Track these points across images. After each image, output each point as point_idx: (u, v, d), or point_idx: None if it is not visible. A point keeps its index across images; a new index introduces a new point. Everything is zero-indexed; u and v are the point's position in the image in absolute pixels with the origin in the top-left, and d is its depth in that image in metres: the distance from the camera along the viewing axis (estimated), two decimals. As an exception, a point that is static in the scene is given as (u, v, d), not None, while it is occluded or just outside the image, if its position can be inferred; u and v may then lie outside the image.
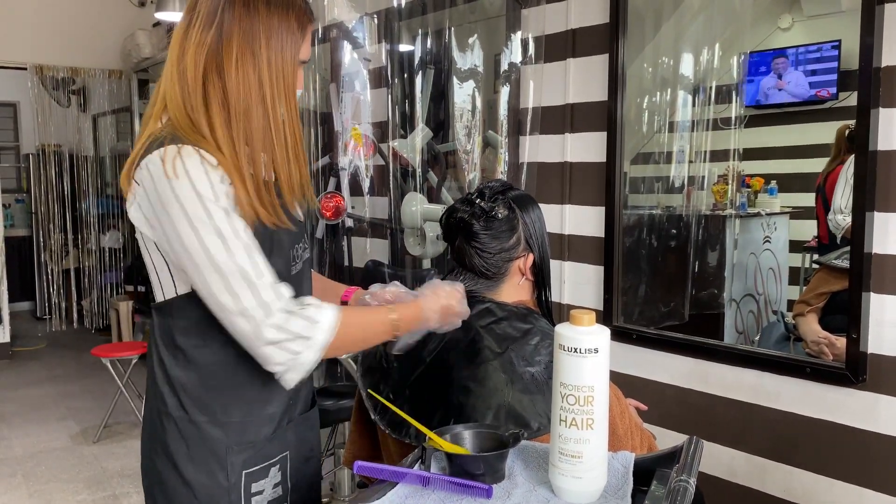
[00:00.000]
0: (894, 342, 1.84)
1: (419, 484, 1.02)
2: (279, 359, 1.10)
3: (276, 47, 1.17)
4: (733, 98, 3.08)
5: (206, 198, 1.09)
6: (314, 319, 1.11)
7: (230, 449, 1.21)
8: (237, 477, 1.22)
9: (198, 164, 1.10)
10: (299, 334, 1.09)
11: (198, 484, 1.20)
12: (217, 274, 1.08)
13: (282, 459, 1.28)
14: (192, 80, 1.15)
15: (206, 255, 1.08)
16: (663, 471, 1.02)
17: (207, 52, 1.15)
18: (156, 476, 1.24)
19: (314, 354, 1.11)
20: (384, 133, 3.31)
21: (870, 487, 1.90)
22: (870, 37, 1.79)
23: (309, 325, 1.10)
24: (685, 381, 2.29)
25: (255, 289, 1.09)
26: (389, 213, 3.32)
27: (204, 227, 1.08)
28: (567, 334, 0.96)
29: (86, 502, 3.33)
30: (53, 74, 5.97)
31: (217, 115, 1.15)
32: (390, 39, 3.29)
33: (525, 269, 1.45)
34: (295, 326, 1.09)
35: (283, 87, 1.18)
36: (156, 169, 1.10)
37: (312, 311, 1.12)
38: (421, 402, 1.34)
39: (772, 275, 3.24)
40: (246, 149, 1.17)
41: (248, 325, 1.09)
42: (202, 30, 1.16)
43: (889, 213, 1.82)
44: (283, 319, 1.09)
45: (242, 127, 1.16)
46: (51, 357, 5.84)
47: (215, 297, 1.10)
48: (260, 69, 1.16)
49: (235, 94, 1.15)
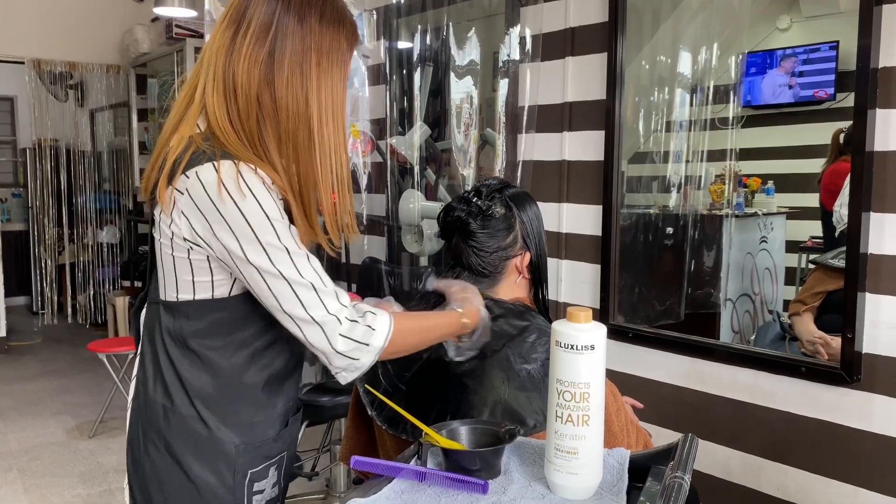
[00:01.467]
0: (889, 342, 1.85)
1: (415, 479, 1.02)
2: (342, 364, 1.14)
3: (325, 68, 1.16)
4: (731, 98, 3.09)
5: (274, 218, 1.09)
6: (372, 327, 1.14)
7: (238, 449, 1.20)
8: (242, 477, 1.22)
9: (260, 184, 1.09)
10: (360, 341, 1.13)
11: (202, 483, 1.20)
12: (288, 287, 1.10)
13: (279, 459, 1.28)
14: (244, 98, 1.13)
15: (275, 268, 1.10)
16: (658, 467, 1.03)
17: (260, 69, 1.13)
18: (152, 471, 1.22)
19: (370, 358, 1.14)
20: (382, 130, 3.31)
21: (864, 486, 1.91)
22: (867, 38, 1.80)
23: (368, 332, 1.13)
24: (681, 380, 2.29)
25: (324, 299, 1.11)
26: (387, 211, 3.32)
27: (273, 248, 1.09)
28: (564, 331, 0.97)
29: (81, 497, 3.33)
30: (51, 69, 5.96)
31: (270, 134, 1.14)
32: (389, 36, 3.29)
33: (522, 268, 1.45)
34: (357, 335, 1.12)
35: (331, 108, 1.17)
36: (212, 185, 1.08)
37: (370, 318, 1.14)
38: (417, 398, 1.35)
39: (768, 275, 3.25)
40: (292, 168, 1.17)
41: (320, 334, 1.12)
42: (255, 43, 1.13)
43: (885, 214, 1.82)
44: (348, 329, 1.12)
45: (291, 147, 1.15)
46: (46, 352, 5.83)
47: (285, 309, 1.11)
48: (308, 89, 1.14)
49: (285, 113, 1.14)
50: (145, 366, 1.24)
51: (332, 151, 1.18)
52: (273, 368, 1.23)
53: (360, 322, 1.13)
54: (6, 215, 7.31)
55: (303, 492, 3.11)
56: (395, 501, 0.97)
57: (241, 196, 1.08)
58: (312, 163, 1.16)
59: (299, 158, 1.16)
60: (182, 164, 1.10)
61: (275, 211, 1.10)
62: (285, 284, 1.10)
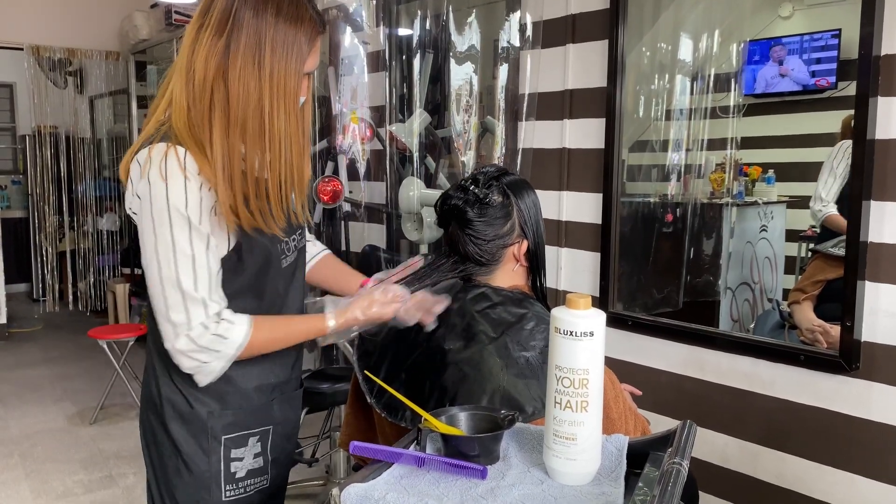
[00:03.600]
0: (888, 330, 1.85)
1: (414, 464, 1.02)
2: (187, 365, 1.23)
3: (280, 58, 1.19)
4: (732, 86, 3.08)
5: (175, 206, 1.16)
6: (223, 336, 1.22)
7: (211, 414, 1.32)
8: (217, 442, 1.33)
9: (177, 171, 1.16)
10: (207, 347, 1.21)
11: (183, 442, 1.32)
12: (159, 278, 1.19)
13: (263, 433, 1.38)
14: (199, 85, 1.18)
15: (156, 259, 1.19)
16: (657, 454, 1.03)
17: (217, 58, 1.18)
18: (150, 434, 1.37)
19: (221, 363, 1.24)
20: (382, 117, 3.30)
21: (861, 474, 1.92)
22: (870, 25, 1.79)
23: (218, 340, 1.21)
24: (680, 368, 2.30)
25: (185, 301, 1.19)
26: (387, 198, 3.32)
27: (161, 235, 1.18)
28: (563, 317, 0.97)
29: (82, 483, 3.34)
30: (50, 55, 5.94)
31: (218, 121, 1.19)
32: (389, 23, 3.27)
33: (519, 256, 1.45)
34: (204, 341, 1.21)
35: (283, 98, 1.20)
36: (143, 166, 1.18)
37: (224, 327, 1.22)
38: (416, 385, 1.35)
39: (768, 263, 3.25)
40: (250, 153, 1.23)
41: (170, 331, 1.21)
42: (213, 35, 1.18)
43: (885, 202, 1.82)
44: (197, 334, 1.20)
45: (239, 134, 1.19)
46: (47, 339, 5.84)
47: (153, 297, 1.22)
48: (261, 79, 1.18)
49: (235, 102, 1.18)
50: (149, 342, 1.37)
51: (283, 140, 1.22)
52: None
53: (212, 328, 1.21)
54: (6, 202, 7.30)
55: (303, 478, 3.12)
56: (394, 487, 0.97)
57: (157, 178, 1.16)
58: (262, 152, 1.21)
59: (247, 146, 1.20)
60: (136, 148, 1.21)
61: (180, 199, 1.16)
62: (158, 279, 1.20)
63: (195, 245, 1.19)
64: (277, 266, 1.33)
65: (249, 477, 1.38)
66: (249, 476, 1.38)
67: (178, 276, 1.18)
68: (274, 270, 1.33)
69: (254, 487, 1.39)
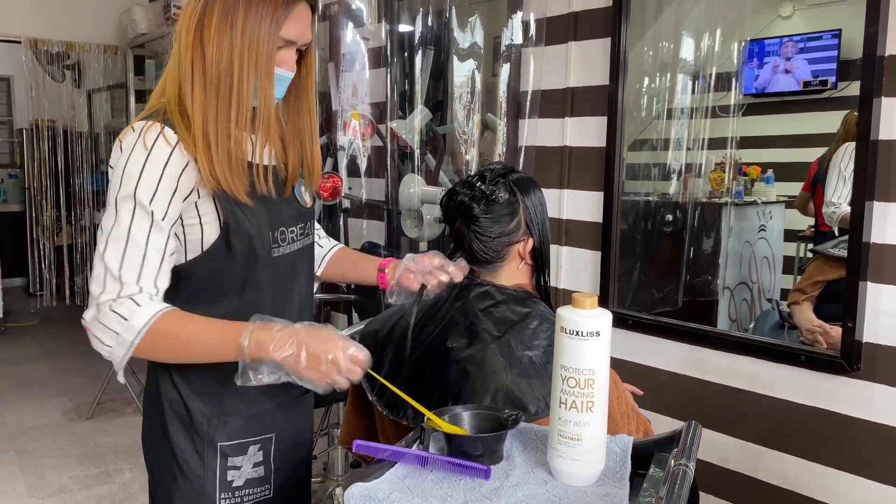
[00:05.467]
0: (889, 331, 1.85)
1: (418, 464, 1.02)
2: (93, 344, 1.16)
3: (253, 20, 1.19)
4: (732, 85, 3.07)
5: (127, 181, 1.16)
6: (124, 318, 1.14)
7: (207, 419, 1.28)
8: (213, 448, 1.28)
9: (141, 147, 1.16)
10: (107, 327, 1.14)
11: (179, 448, 1.28)
12: (97, 249, 1.17)
13: (265, 441, 1.32)
14: (182, 49, 1.20)
15: (100, 229, 1.18)
16: (661, 455, 1.03)
17: (196, 21, 1.19)
18: (150, 432, 1.34)
19: (122, 351, 1.14)
20: (382, 113, 3.29)
21: (862, 475, 1.92)
22: (874, 25, 1.78)
23: (118, 320, 1.14)
24: (680, 367, 2.29)
25: (105, 275, 1.15)
26: (387, 195, 3.31)
27: (110, 207, 1.17)
28: (569, 317, 0.96)
29: (78, 478, 3.33)
30: (48, 49, 5.91)
31: (197, 83, 1.19)
32: (390, 19, 3.26)
33: (524, 254, 1.44)
34: (107, 319, 1.14)
35: (254, 61, 1.19)
36: (121, 136, 1.20)
37: (129, 308, 1.13)
38: (419, 384, 1.34)
39: (766, 263, 3.25)
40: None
41: (90, 304, 1.17)
42: (194, 5, 1.20)
43: (888, 203, 1.82)
44: (104, 311, 1.14)
45: (215, 95, 1.19)
46: (44, 333, 5.83)
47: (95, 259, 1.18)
48: (233, 40, 1.18)
49: (210, 61, 1.19)
50: None
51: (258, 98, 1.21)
52: None
53: (114, 308, 1.14)
54: (3, 196, 7.28)
55: (300, 475, 3.11)
56: (398, 486, 0.97)
57: (126, 151, 1.17)
58: (232, 111, 1.19)
59: (219, 105, 1.19)
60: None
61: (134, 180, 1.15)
62: (97, 253, 1.17)
63: (136, 225, 1.16)
64: (266, 255, 1.26)
65: (248, 486, 1.32)
66: (248, 486, 1.32)
67: (107, 250, 1.15)
68: (262, 261, 1.26)
69: (252, 498, 1.33)
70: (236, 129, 1.20)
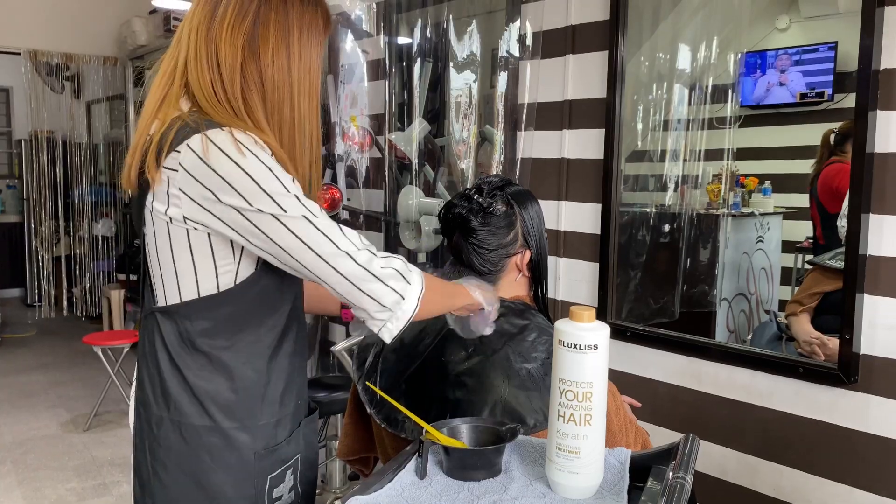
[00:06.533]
0: (886, 343, 1.85)
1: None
2: (388, 300, 1.10)
3: (306, 44, 1.16)
4: (729, 97, 3.09)
5: (277, 171, 1.07)
6: (408, 265, 1.13)
7: (258, 454, 1.16)
8: (262, 483, 1.17)
9: (256, 145, 1.08)
10: (400, 272, 1.11)
11: (221, 496, 1.15)
12: (309, 224, 1.07)
13: (294, 462, 1.24)
14: (229, 68, 1.11)
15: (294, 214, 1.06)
16: (659, 467, 1.03)
17: (244, 39, 1.12)
18: (163, 495, 1.16)
19: (412, 303, 1.11)
20: (381, 125, 3.30)
21: (860, 487, 1.92)
22: (869, 39, 1.79)
23: (405, 266, 1.12)
24: (678, 379, 2.29)
25: (348, 235, 1.10)
26: (385, 206, 3.31)
27: (282, 196, 1.06)
28: (567, 330, 0.96)
29: (75, 490, 3.32)
30: (47, 60, 5.93)
31: (256, 103, 1.13)
32: (389, 31, 3.28)
33: (522, 266, 1.45)
34: (396, 264, 1.11)
35: (307, 84, 1.17)
36: (207, 152, 1.05)
37: (397, 262, 1.13)
38: (417, 396, 1.34)
39: (764, 275, 3.26)
40: None
41: (353, 263, 1.08)
42: (235, 17, 1.12)
43: (884, 216, 1.82)
44: (384, 259, 1.11)
45: (277, 118, 1.15)
46: (41, 344, 5.81)
47: (311, 246, 1.07)
48: (291, 63, 1.15)
49: (271, 85, 1.13)
50: (145, 383, 1.18)
51: (307, 125, 1.18)
52: (288, 365, 1.20)
53: (394, 257, 1.12)
54: (1, 207, 7.28)
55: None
56: (396, 499, 0.97)
57: (240, 156, 1.05)
58: (292, 135, 1.16)
59: (282, 131, 1.15)
60: (168, 141, 1.08)
61: (277, 167, 1.08)
62: (306, 222, 1.06)
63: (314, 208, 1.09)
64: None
65: None
66: None
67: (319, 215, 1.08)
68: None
69: None
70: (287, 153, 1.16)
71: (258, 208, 1.04)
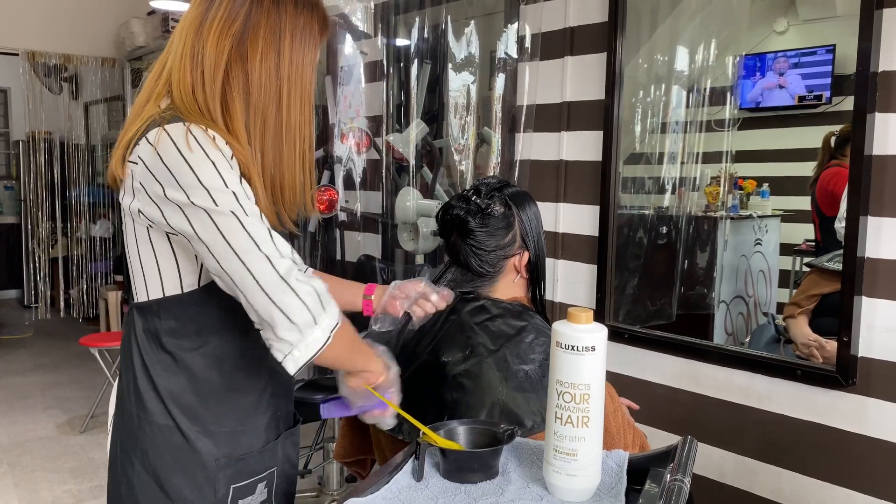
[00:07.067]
0: (884, 346, 1.85)
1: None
2: (300, 317, 1.01)
3: (298, 48, 1.14)
4: (727, 100, 3.09)
5: (223, 167, 1.04)
6: (329, 295, 1.06)
7: (219, 461, 1.14)
8: (225, 491, 1.15)
9: (210, 143, 1.05)
10: (319, 294, 1.04)
11: (180, 498, 1.14)
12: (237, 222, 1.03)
13: (269, 476, 1.22)
14: (211, 68, 1.10)
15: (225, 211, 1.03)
16: (657, 470, 1.02)
17: (232, 41, 1.11)
18: (129, 492, 1.16)
19: (324, 333, 1.04)
20: (379, 127, 3.30)
21: (858, 490, 1.92)
22: (867, 41, 1.80)
23: (326, 293, 1.05)
24: (676, 382, 2.29)
25: (280, 243, 1.05)
26: (383, 208, 3.31)
27: (219, 192, 1.03)
28: (565, 332, 0.96)
29: (72, 492, 3.31)
30: (45, 61, 5.92)
31: (237, 106, 1.11)
32: (387, 33, 3.28)
33: (520, 267, 1.44)
34: (318, 285, 1.04)
35: (300, 89, 1.15)
36: (159, 141, 1.04)
37: (319, 286, 1.06)
38: (414, 398, 1.34)
39: (762, 277, 3.25)
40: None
41: (270, 268, 1.01)
42: (225, 19, 1.11)
43: (883, 218, 1.82)
44: (306, 276, 1.04)
45: (260, 122, 1.13)
46: (38, 346, 5.80)
47: (230, 246, 1.02)
48: (281, 67, 1.13)
49: (257, 88, 1.12)
50: (122, 376, 1.19)
51: (298, 130, 1.16)
52: (263, 374, 1.18)
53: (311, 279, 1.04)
54: (-2, 208, 7.27)
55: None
56: (393, 502, 0.96)
57: (187, 149, 1.03)
58: (279, 140, 1.14)
59: (266, 135, 1.13)
60: (136, 136, 1.07)
61: (224, 163, 1.04)
62: (233, 219, 1.02)
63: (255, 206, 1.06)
64: None
65: None
66: None
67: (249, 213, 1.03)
68: None
69: None
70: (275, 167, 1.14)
71: (193, 201, 1.02)
